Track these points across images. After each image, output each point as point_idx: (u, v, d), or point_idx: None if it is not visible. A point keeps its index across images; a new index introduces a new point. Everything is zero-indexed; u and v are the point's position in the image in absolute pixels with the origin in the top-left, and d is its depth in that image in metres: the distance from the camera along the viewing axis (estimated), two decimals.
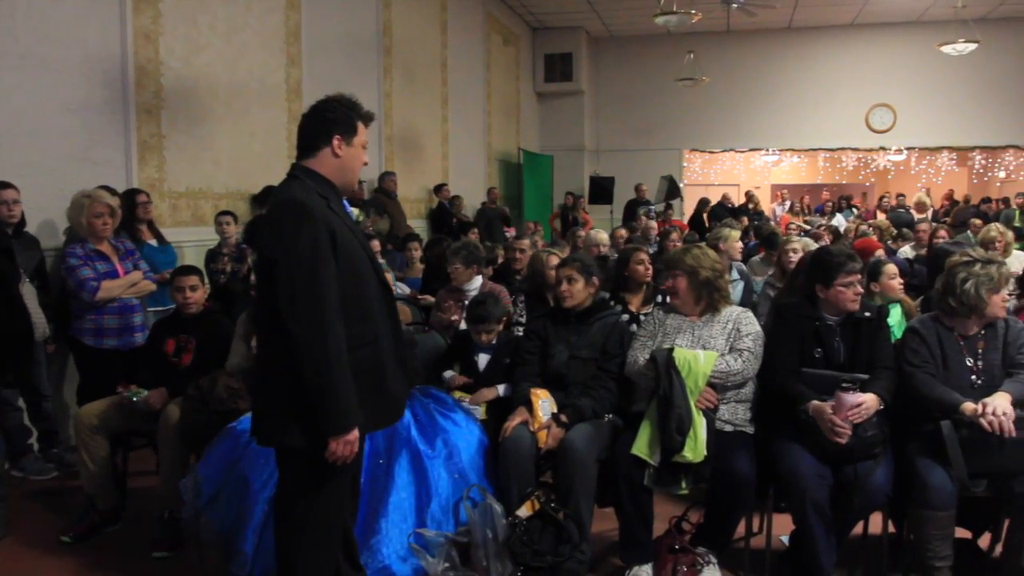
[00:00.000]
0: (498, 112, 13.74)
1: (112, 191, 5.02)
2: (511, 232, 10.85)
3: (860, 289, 3.44)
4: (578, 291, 3.79)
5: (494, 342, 4.08)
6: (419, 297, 6.06)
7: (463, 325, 4.62)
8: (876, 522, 3.60)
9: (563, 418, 3.50)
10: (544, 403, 3.56)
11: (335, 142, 2.51)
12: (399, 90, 9.97)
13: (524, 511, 3.34)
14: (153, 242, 5.57)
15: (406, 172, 10.03)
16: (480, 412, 3.79)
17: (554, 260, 4.65)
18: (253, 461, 3.25)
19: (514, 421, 3.52)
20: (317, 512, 2.54)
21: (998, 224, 6.72)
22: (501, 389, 3.89)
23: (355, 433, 2.42)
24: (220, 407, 3.68)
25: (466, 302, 4.85)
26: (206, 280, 5.27)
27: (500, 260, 6.58)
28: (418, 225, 10.08)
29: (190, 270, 4.37)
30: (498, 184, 13.47)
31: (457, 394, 3.91)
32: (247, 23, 7.07)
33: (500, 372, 3.97)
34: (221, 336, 4.21)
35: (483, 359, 4.08)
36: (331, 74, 8.10)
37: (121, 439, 4.17)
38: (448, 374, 4.09)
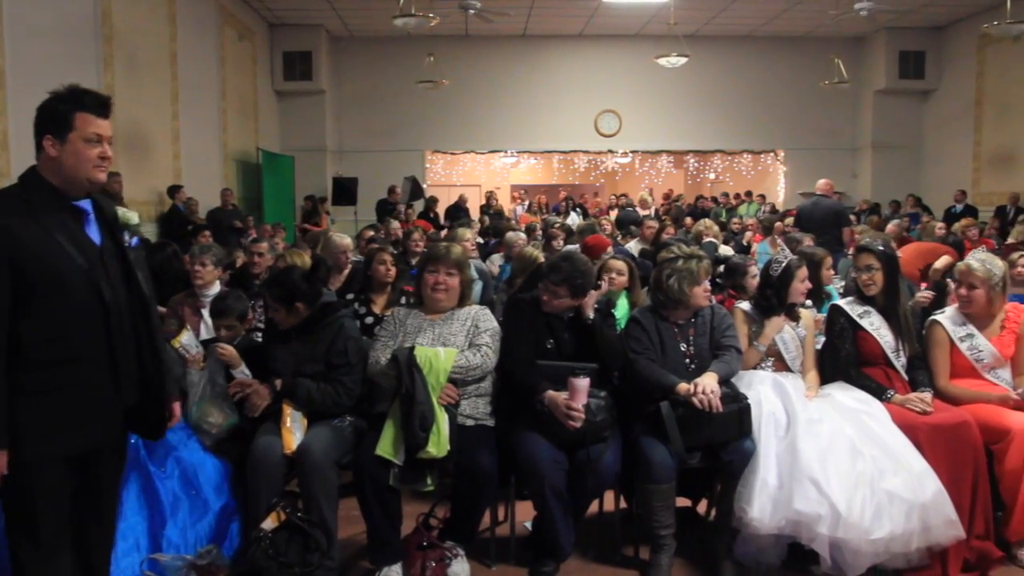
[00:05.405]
0: (234, 110, 13.16)
1: None
2: (253, 234, 10.43)
3: (550, 298, 3.61)
4: (290, 320, 3.63)
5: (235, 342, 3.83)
6: None
7: (203, 334, 4.37)
8: (609, 500, 3.88)
9: (278, 387, 3.47)
10: (295, 413, 3.47)
11: (46, 143, 2.38)
12: (122, 83, 9.24)
13: (269, 523, 3.23)
14: None
15: (133, 172, 9.34)
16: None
17: (297, 260, 4.54)
18: None
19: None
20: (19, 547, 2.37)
21: (707, 220, 8.49)
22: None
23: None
24: None
25: (202, 309, 4.60)
26: None
27: (239, 264, 6.30)
28: (147, 229, 9.41)
29: None
30: (236, 185, 12.89)
31: None
32: None
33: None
34: None
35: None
36: (41, 63, 7.34)
37: None
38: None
